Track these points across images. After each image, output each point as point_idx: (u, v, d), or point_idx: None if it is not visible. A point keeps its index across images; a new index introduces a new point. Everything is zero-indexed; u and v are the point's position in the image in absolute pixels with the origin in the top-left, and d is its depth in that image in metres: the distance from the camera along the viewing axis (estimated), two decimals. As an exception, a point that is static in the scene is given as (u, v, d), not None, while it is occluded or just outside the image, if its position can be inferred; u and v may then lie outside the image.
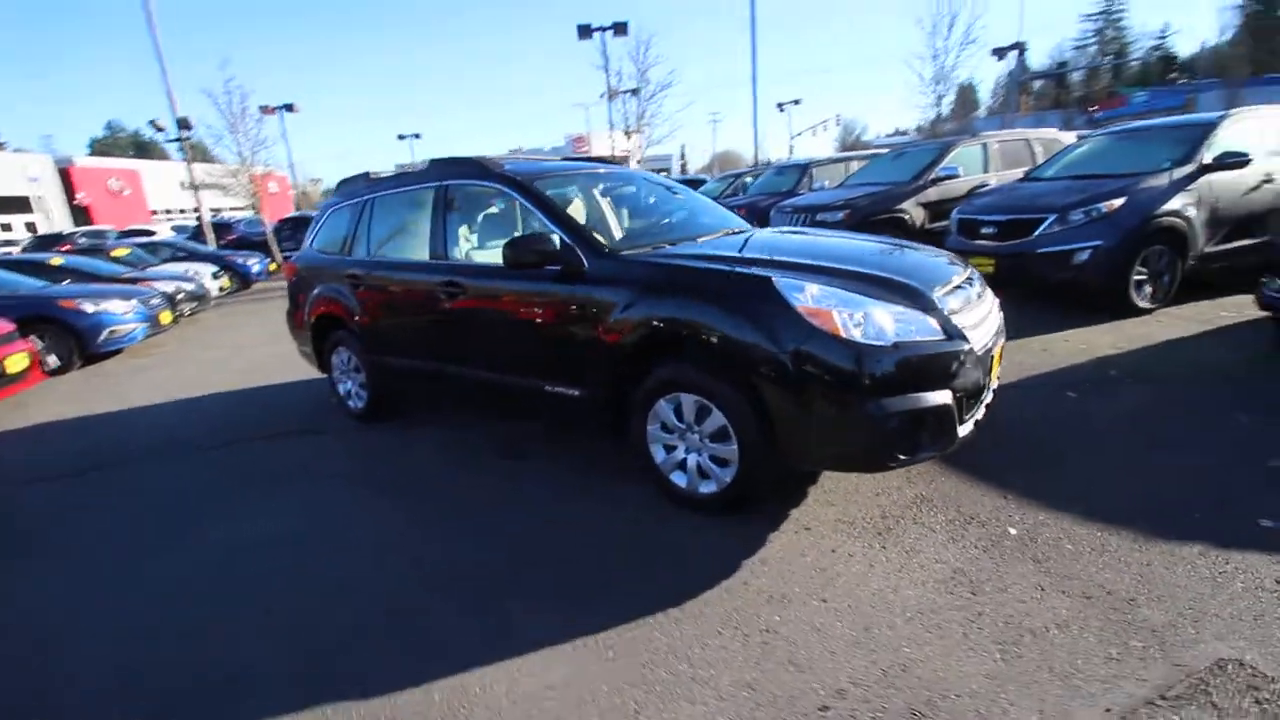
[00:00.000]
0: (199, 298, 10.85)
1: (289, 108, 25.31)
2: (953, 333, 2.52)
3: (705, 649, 2.07)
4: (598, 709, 1.89)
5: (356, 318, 4.27)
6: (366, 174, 4.53)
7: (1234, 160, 5.40)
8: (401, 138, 37.08)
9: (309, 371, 5.98)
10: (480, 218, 3.89)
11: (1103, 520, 2.56)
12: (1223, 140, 5.64)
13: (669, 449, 2.93)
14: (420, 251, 3.88)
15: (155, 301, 8.63)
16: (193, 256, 13.97)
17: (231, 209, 31.02)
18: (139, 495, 3.80)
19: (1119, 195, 5.44)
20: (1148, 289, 5.47)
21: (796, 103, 33.14)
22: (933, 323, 2.50)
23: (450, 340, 3.72)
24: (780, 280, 2.53)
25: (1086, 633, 1.99)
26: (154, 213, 39.40)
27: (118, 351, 8.33)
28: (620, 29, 20.22)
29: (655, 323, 2.75)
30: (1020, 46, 26.66)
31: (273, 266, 16.47)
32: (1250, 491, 2.66)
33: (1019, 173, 8.49)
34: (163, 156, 48.92)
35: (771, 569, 2.45)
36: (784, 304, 2.46)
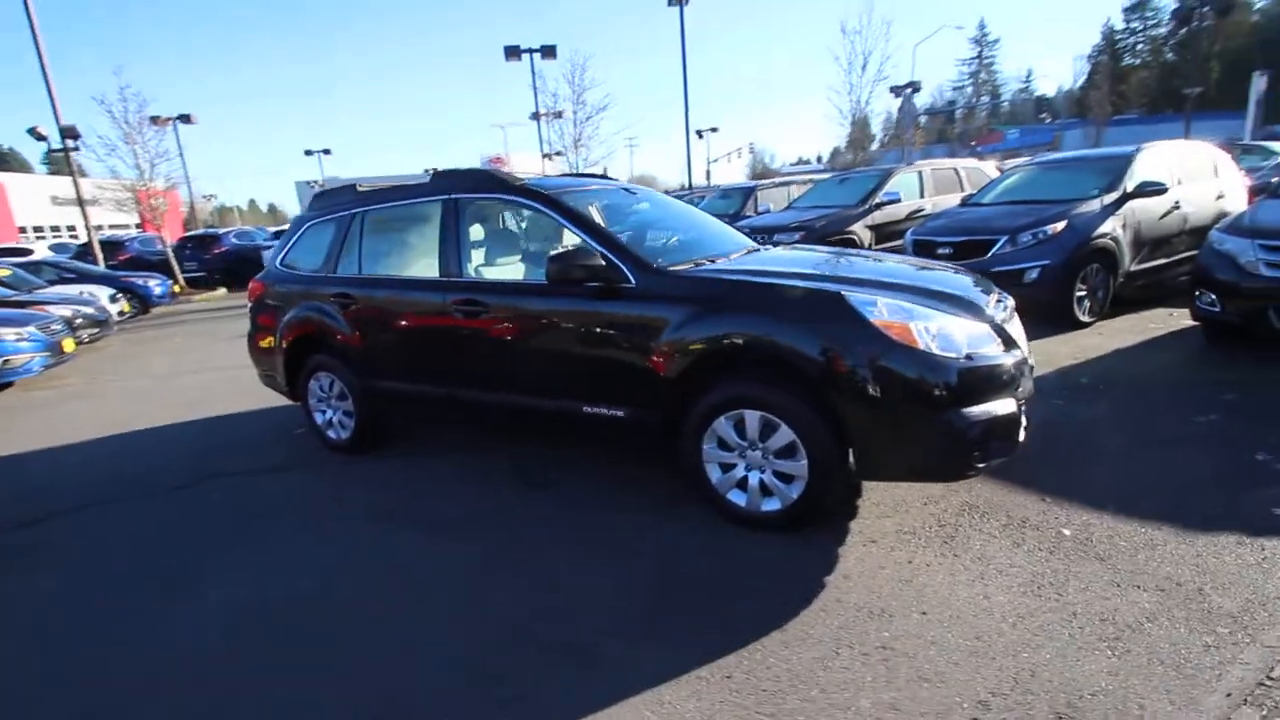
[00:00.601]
0: (100, 323, 9.73)
1: (185, 119, 23.51)
2: (1009, 342, 2.64)
3: (828, 671, 2.02)
4: (743, 745, 1.79)
5: (346, 340, 3.95)
6: (353, 185, 4.24)
7: (1152, 189, 6.07)
8: (309, 153, 35.17)
9: (257, 400, 5.57)
10: (496, 232, 3.73)
11: (1140, 516, 2.73)
12: (1139, 171, 6.33)
13: (725, 468, 2.88)
14: (426, 268, 3.66)
15: (56, 328, 7.65)
16: (83, 278, 12.55)
17: (113, 226, 28.23)
18: (105, 549, 3.30)
19: (1061, 219, 5.97)
20: (1087, 304, 6.00)
21: (714, 130, 34.42)
22: (993, 334, 2.61)
23: (467, 362, 3.51)
24: (851, 295, 2.56)
25: (1176, 624, 2.10)
26: (21, 230, 35.18)
27: (7, 385, 7.32)
28: (549, 52, 20.26)
29: (723, 340, 2.71)
30: (915, 85, 29.09)
31: (176, 289, 15.07)
32: (1254, 484, 2.93)
33: (951, 197, 9.16)
34: (24, 169, 43.89)
35: (857, 584, 2.44)
36: (859, 319, 2.49)
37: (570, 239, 3.31)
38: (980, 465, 2.48)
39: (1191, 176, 6.66)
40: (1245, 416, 3.66)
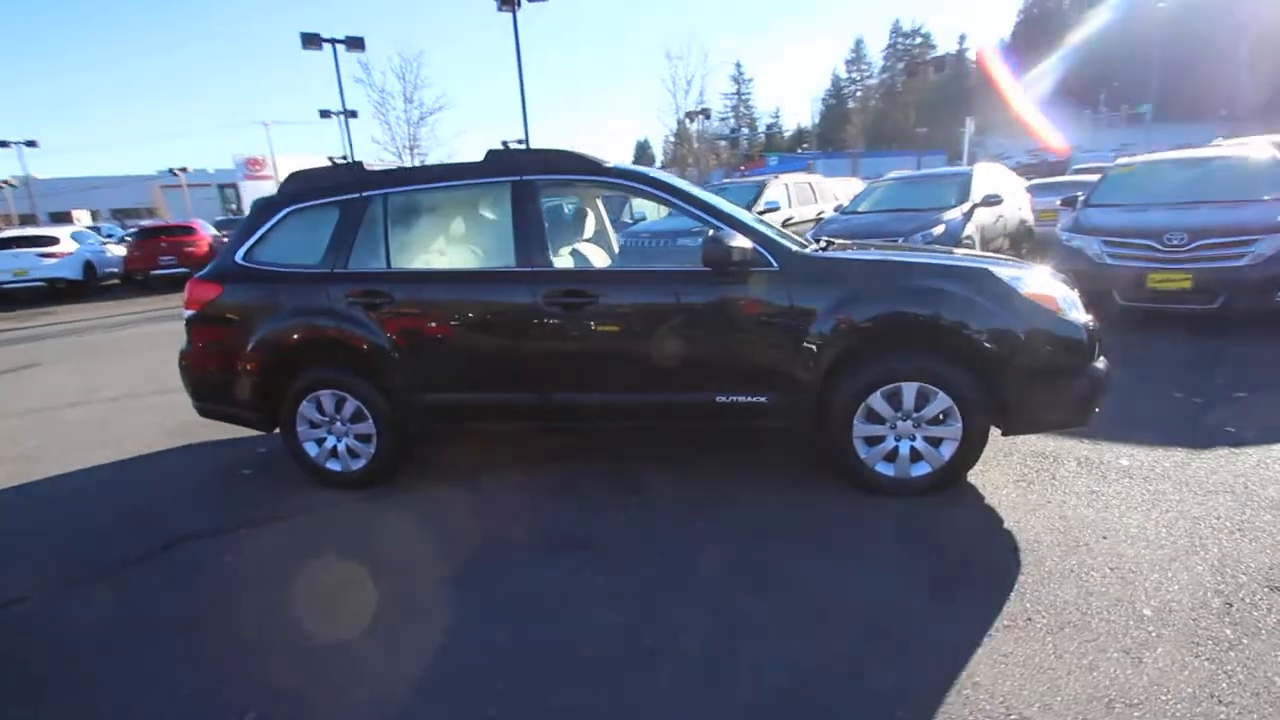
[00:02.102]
0: None
1: None
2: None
3: (1104, 584, 2.26)
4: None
5: (374, 349, 3.28)
6: (360, 163, 3.53)
7: (993, 200, 7.56)
8: (4, 145, 27.42)
9: (170, 436, 4.54)
10: (570, 218, 3.40)
11: (1185, 447, 3.39)
12: (978, 186, 7.84)
13: (872, 442, 3.01)
14: (491, 258, 3.24)
15: None
16: None
17: None
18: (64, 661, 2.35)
19: (940, 223, 7.14)
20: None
21: (521, 142, 33.94)
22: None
23: (565, 361, 3.17)
24: (998, 270, 2.87)
25: (1244, 510, 2.73)
26: None
27: None
28: (355, 43, 18.48)
29: (892, 317, 2.84)
30: (705, 112, 32.12)
31: None
32: (1197, 414, 3.86)
33: (809, 208, 10.34)
34: None
35: (1030, 527, 2.74)
36: (1013, 291, 2.81)
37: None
38: (1097, 411, 2.95)
39: (1001, 191, 8.40)
40: (1131, 371, 4.76)
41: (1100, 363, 2.92)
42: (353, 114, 21.38)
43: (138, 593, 2.76)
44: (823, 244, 3.62)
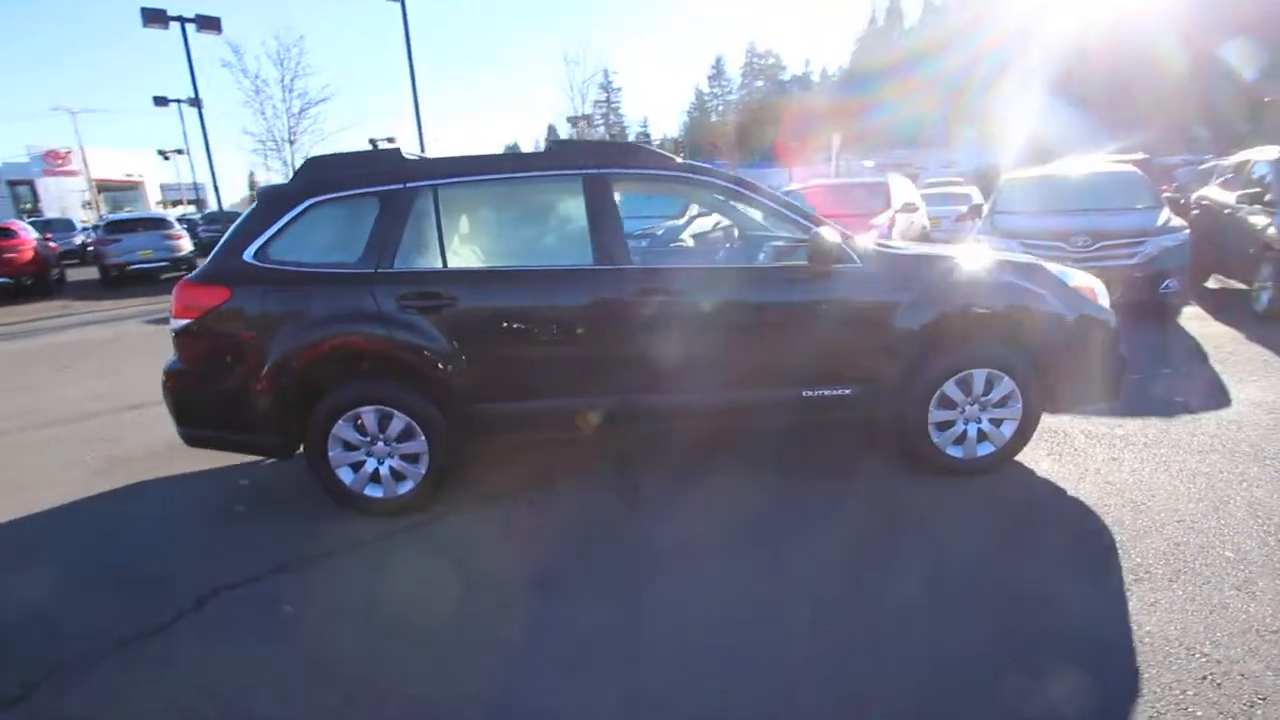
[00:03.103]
0: None
1: None
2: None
3: (1191, 529, 2.59)
4: None
5: (433, 357, 2.97)
6: (397, 151, 3.15)
7: (910, 206, 8.33)
8: None
9: (134, 469, 3.92)
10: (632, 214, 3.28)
11: (1156, 416, 3.95)
12: (896, 194, 8.59)
13: (943, 427, 3.21)
14: (562, 254, 3.07)
15: None
16: None
17: None
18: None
19: (873, 228, 7.74)
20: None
21: (391, 140, 31.90)
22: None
23: (647, 362, 3.05)
24: (1049, 266, 3.18)
25: (1243, 463, 3.26)
26: None
27: None
28: (208, 23, 16.47)
29: (970, 311, 3.05)
30: (587, 118, 32.26)
31: None
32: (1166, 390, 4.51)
33: (708, 220, 10.73)
34: None
35: (1095, 489, 3.07)
36: (1063, 283, 3.13)
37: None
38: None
39: (911, 198, 9.29)
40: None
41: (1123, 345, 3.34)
42: (195, 102, 19.04)
43: (195, 657, 2.27)
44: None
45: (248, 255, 3.02)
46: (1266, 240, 6.16)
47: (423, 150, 15.46)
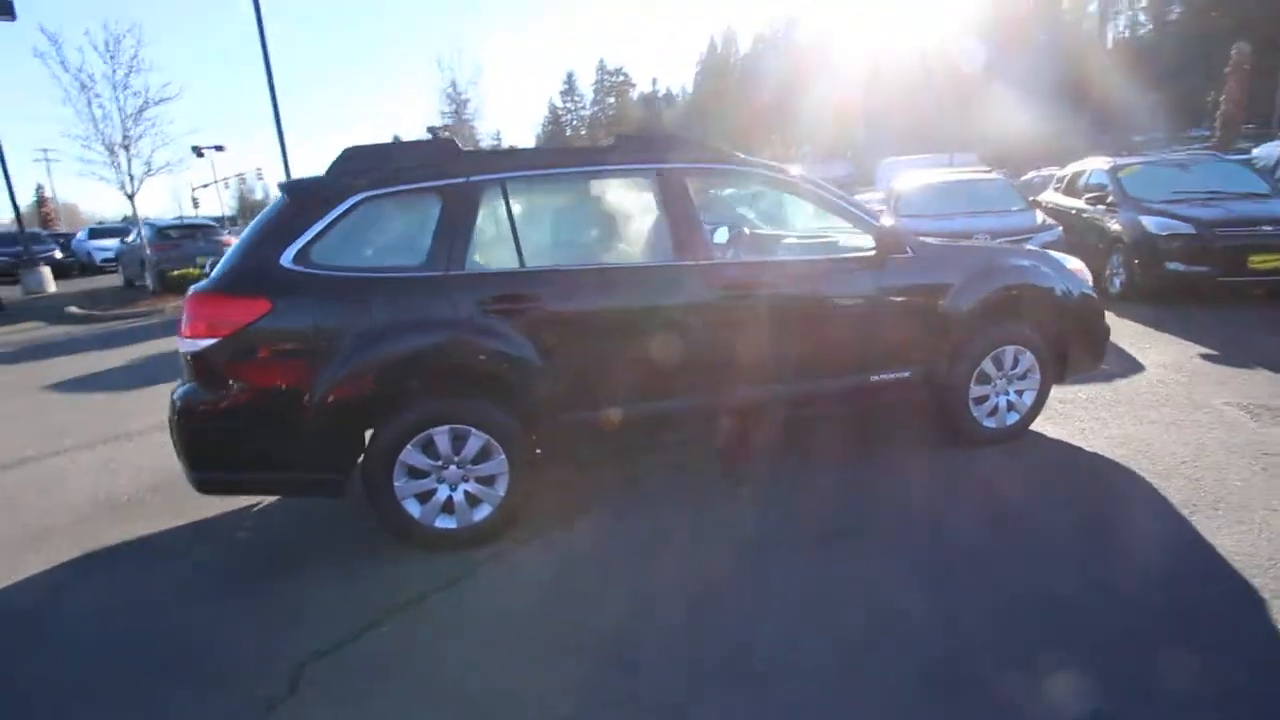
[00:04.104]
0: None
1: None
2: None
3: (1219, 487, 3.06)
4: None
5: (520, 366, 2.72)
6: (453, 141, 2.84)
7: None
8: None
9: (130, 522, 3.50)
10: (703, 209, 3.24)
11: (1098, 382, 4.62)
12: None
13: (979, 401, 3.52)
14: (639, 250, 2.98)
15: None
16: None
17: None
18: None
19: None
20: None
21: (219, 149, 28.23)
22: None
23: (733, 358, 3.04)
24: (1050, 252, 3.61)
25: (1208, 428, 3.93)
26: None
27: None
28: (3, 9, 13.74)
29: (1007, 292, 3.37)
30: (447, 127, 30.94)
31: None
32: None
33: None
34: None
35: (1132, 451, 3.52)
36: (1064, 265, 3.57)
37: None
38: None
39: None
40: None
41: (1100, 319, 3.88)
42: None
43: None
44: None
45: (286, 260, 2.57)
46: (1114, 235, 7.45)
47: (286, 164, 13.98)
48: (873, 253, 3.14)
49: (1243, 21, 28.31)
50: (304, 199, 2.71)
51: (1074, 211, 8.40)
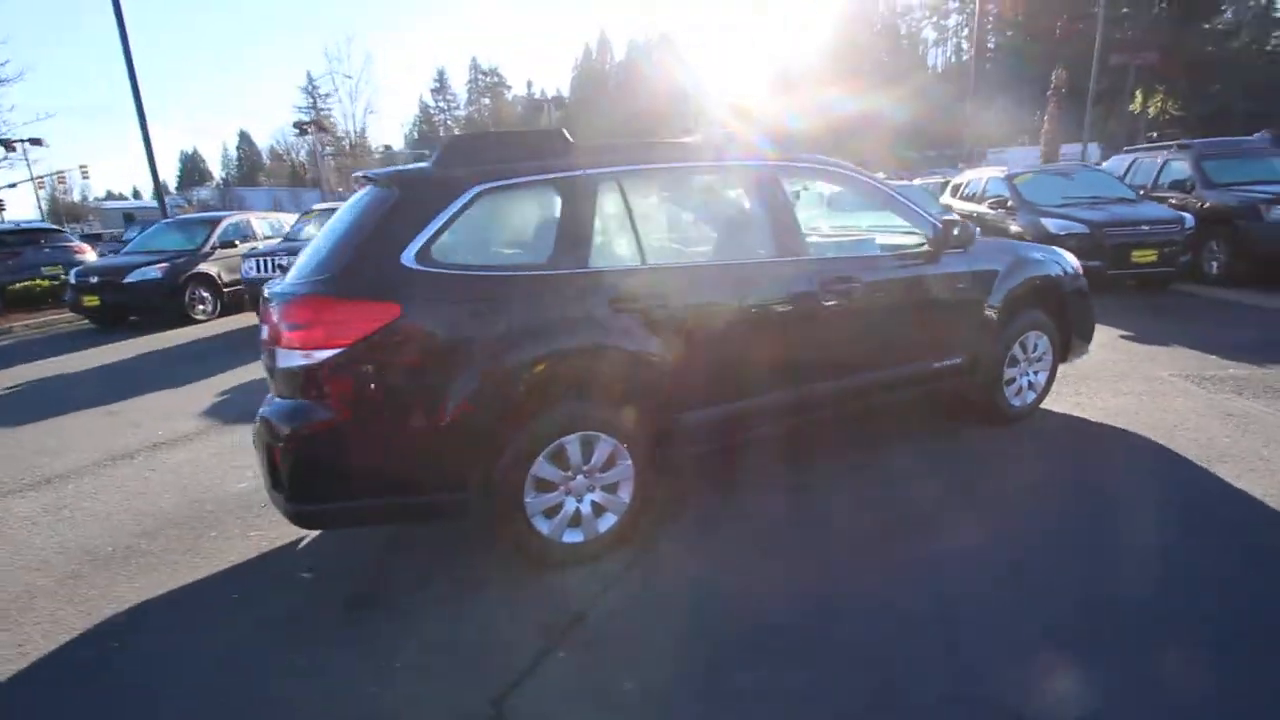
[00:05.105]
0: None
1: None
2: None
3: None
4: None
5: (651, 367, 2.63)
6: (561, 132, 2.65)
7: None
8: None
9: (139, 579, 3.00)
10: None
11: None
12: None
13: (1009, 383, 3.88)
14: (742, 246, 3.01)
15: None
16: None
17: None
18: None
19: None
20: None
21: (37, 142, 23.83)
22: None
23: (827, 352, 3.14)
24: (1055, 247, 4.06)
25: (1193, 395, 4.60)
26: None
27: None
28: None
29: (1034, 281, 3.73)
30: (319, 124, 28.46)
31: None
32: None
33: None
34: None
35: (1141, 423, 4.01)
36: (1066, 259, 4.03)
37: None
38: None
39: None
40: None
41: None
42: None
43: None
44: None
45: (408, 258, 2.29)
46: (1015, 235, 8.46)
47: (153, 168, 12.23)
48: (957, 248, 3.40)
49: (1054, 50, 33.26)
50: (419, 190, 2.43)
51: (976, 215, 9.43)
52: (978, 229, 3.72)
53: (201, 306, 9.78)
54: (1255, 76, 32.69)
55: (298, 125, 27.18)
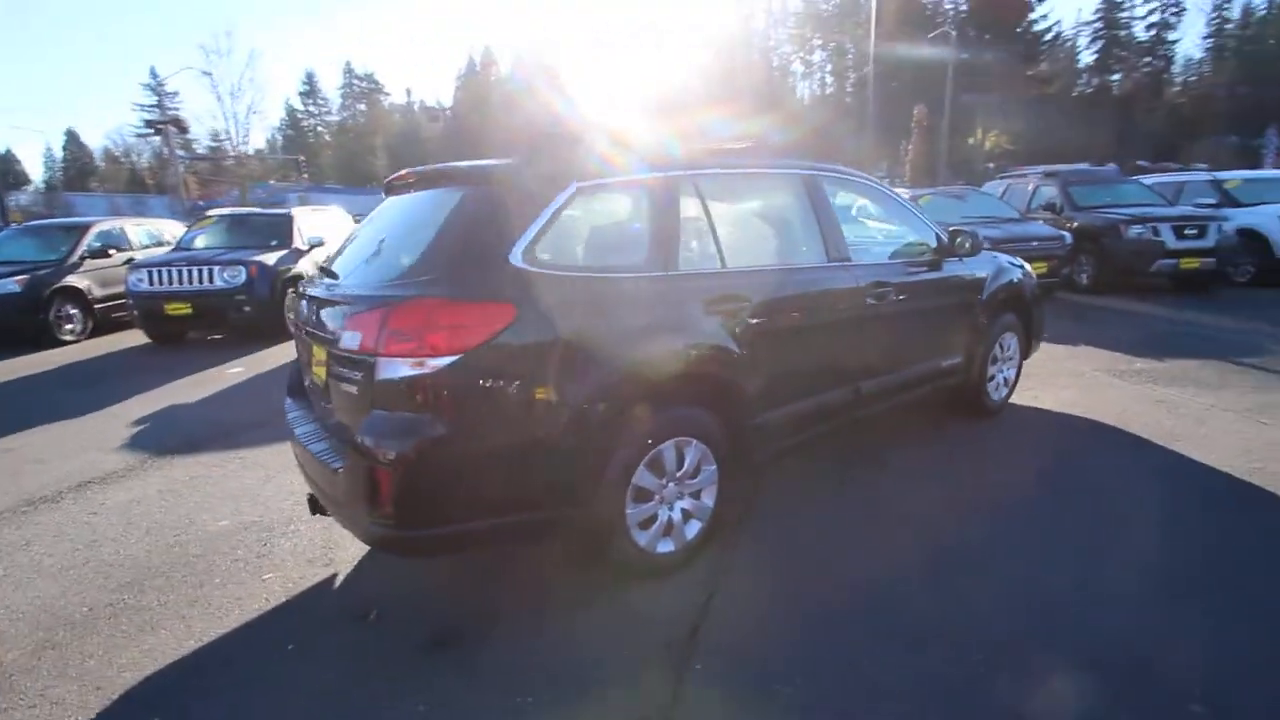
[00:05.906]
0: None
1: None
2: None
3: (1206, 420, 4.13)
4: None
5: (738, 371, 2.66)
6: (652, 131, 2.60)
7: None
8: None
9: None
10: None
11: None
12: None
13: (989, 379, 4.27)
14: (794, 250, 3.14)
15: None
16: None
17: None
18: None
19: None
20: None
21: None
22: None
23: (866, 353, 3.32)
24: (1011, 257, 4.54)
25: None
26: None
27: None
28: None
29: (1012, 284, 4.13)
30: (178, 122, 25.39)
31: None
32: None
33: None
34: None
35: (1134, 417, 4.51)
36: (1026, 268, 4.51)
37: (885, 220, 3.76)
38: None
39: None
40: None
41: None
42: None
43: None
44: None
45: (516, 257, 2.14)
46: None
47: None
48: (969, 252, 3.74)
49: (912, 86, 37.05)
50: (518, 187, 2.27)
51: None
52: (985, 239, 4.11)
53: (70, 325, 8.42)
54: (1067, 117, 38.42)
55: (151, 124, 24.18)
